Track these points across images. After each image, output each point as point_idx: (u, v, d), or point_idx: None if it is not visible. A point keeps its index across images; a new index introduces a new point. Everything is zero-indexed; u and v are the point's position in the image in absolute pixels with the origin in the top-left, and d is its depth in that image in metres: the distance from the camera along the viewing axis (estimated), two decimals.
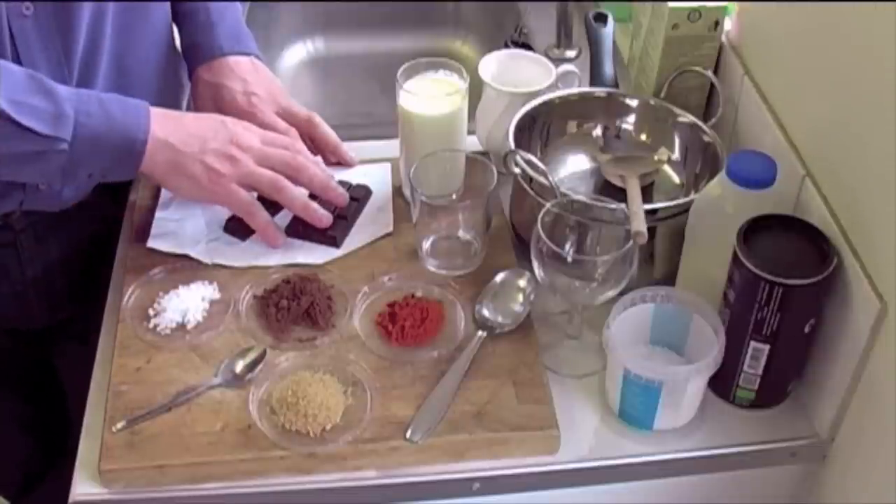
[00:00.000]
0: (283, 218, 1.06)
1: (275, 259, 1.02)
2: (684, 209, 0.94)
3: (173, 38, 1.14)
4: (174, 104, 1.17)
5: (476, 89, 1.07)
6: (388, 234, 1.05)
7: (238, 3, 1.16)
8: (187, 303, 0.96)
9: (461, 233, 1.02)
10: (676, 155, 1.08)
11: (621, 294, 0.89)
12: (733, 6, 1.10)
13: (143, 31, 1.06)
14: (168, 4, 1.10)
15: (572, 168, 1.09)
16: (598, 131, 1.12)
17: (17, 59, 0.90)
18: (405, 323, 0.94)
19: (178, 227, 1.05)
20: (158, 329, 0.94)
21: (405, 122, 1.04)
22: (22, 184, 0.98)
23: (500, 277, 0.98)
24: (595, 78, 1.18)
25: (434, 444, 0.86)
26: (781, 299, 0.82)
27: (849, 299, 0.84)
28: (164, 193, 1.09)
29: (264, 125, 1.08)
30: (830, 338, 0.88)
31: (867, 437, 0.85)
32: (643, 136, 1.11)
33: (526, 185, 1.00)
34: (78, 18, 0.93)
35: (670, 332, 0.93)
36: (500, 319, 0.95)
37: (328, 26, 1.58)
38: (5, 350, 1.17)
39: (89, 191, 1.07)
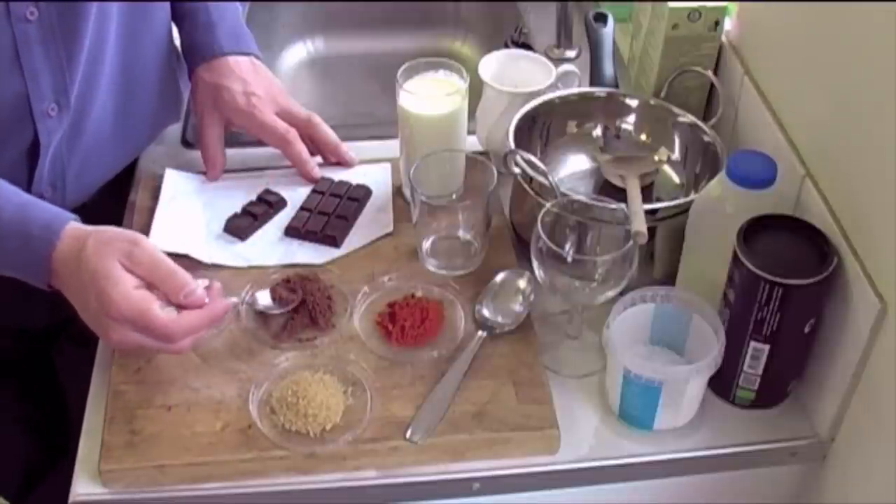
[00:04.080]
0: (283, 219, 1.07)
1: (275, 259, 1.02)
2: (684, 209, 0.94)
3: (173, 40, 1.14)
4: (174, 105, 1.17)
5: (476, 89, 1.07)
6: (388, 234, 1.05)
7: (238, 4, 1.16)
8: None
9: (461, 233, 1.02)
10: (676, 155, 1.08)
11: (621, 294, 0.89)
12: (733, 6, 1.10)
13: (146, 34, 1.06)
14: (168, 5, 1.10)
15: (572, 168, 1.09)
16: (598, 131, 1.12)
17: (18, 65, 0.90)
18: (405, 323, 0.94)
19: (178, 227, 1.05)
20: None
21: (405, 122, 1.04)
22: (27, 189, 0.98)
23: (500, 277, 0.98)
24: (595, 78, 1.18)
25: (434, 444, 0.86)
26: (781, 299, 0.82)
27: (849, 299, 0.84)
28: (163, 193, 1.09)
29: (264, 125, 1.09)
30: (830, 338, 0.88)
31: (867, 437, 0.85)
32: (643, 136, 1.11)
33: (526, 185, 1.00)
34: (83, 23, 0.93)
35: (670, 332, 0.93)
36: (500, 319, 0.95)
37: (328, 26, 1.58)
38: (6, 350, 1.17)
39: (92, 193, 1.08)
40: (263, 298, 0.96)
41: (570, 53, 1.37)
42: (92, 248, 0.85)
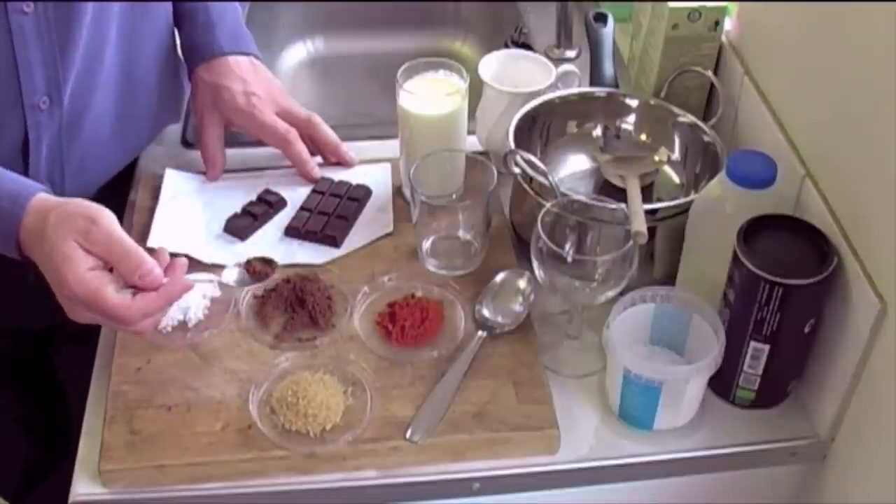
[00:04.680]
0: (283, 219, 1.07)
1: (274, 259, 1.02)
2: (684, 209, 0.94)
3: (174, 40, 1.14)
4: (175, 105, 1.17)
5: (476, 89, 1.07)
6: (388, 234, 1.05)
7: (238, 4, 1.16)
8: (189, 300, 0.95)
9: (461, 233, 1.02)
10: (676, 155, 1.08)
11: (621, 294, 0.89)
12: (733, 6, 1.10)
13: (147, 33, 1.06)
14: (170, 5, 1.10)
15: (572, 168, 1.09)
16: (598, 131, 1.12)
17: (13, 57, 0.91)
18: (405, 323, 0.94)
19: (178, 227, 1.05)
20: (160, 327, 0.94)
21: (405, 122, 1.04)
22: None
23: (500, 277, 0.98)
24: (595, 78, 1.18)
25: (434, 444, 0.86)
26: (781, 299, 0.82)
27: (849, 299, 0.84)
28: (163, 193, 1.09)
29: (264, 125, 1.09)
30: (830, 338, 0.88)
31: (867, 437, 0.85)
32: (643, 136, 1.11)
33: (526, 185, 1.00)
34: (78, 19, 0.93)
35: (670, 332, 0.93)
36: (500, 319, 0.95)
37: (328, 26, 1.58)
38: (5, 350, 1.17)
39: (93, 192, 1.07)
40: (229, 275, 0.93)
41: (570, 53, 1.37)
42: (52, 226, 0.84)
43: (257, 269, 0.94)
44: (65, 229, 0.84)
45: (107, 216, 0.86)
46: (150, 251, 0.88)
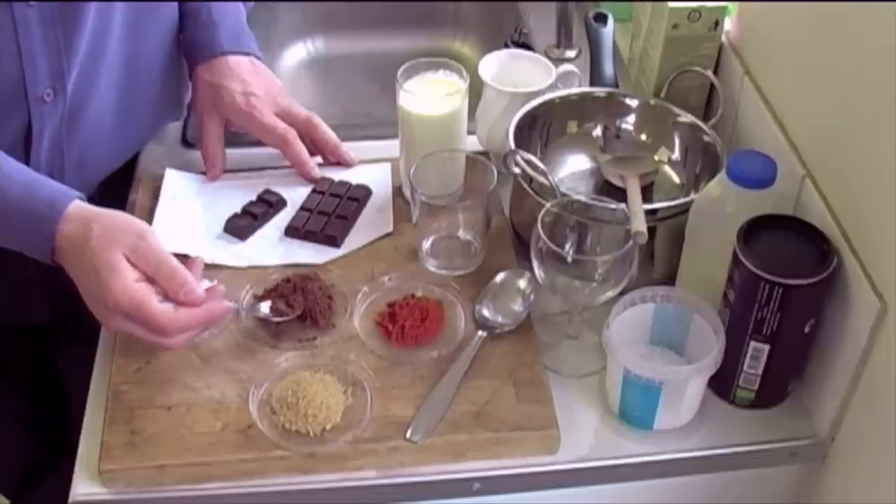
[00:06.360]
0: (283, 219, 1.07)
1: (275, 259, 1.02)
2: (684, 209, 0.94)
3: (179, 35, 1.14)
4: (177, 101, 1.18)
5: (476, 89, 1.07)
6: (388, 234, 1.05)
7: (241, 4, 1.16)
8: None
9: (461, 233, 1.02)
10: (676, 155, 1.08)
11: (621, 294, 0.89)
12: (733, 6, 1.10)
13: (152, 27, 1.06)
14: (176, 2, 1.10)
15: (572, 168, 1.09)
16: (598, 131, 1.12)
17: (17, 47, 0.91)
18: (405, 323, 0.94)
19: (179, 227, 1.05)
20: None
21: (405, 122, 1.04)
22: None
23: (500, 277, 0.98)
24: (595, 78, 1.18)
25: (434, 444, 0.86)
26: (781, 299, 0.82)
27: (849, 299, 0.84)
28: (163, 193, 1.09)
29: (263, 126, 1.09)
30: (830, 338, 0.88)
31: (867, 437, 0.85)
32: (643, 136, 1.11)
33: (526, 185, 1.00)
34: (82, 10, 0.94)
35: (670, 332, 0.93)
36: (500, 319, 0.95)
37: (328, 26, 1.58)
38: (7, 346, 1.17)
39: (93, 187, 1.08)
40: (264, 307, 0.95)
41: (570, 53, 1.37)
42: (97, 238, 0.86)
43: (281, 310, 0.95)
44: (112, 241, 0.86)
45: (153, 233, 0.89)
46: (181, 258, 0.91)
